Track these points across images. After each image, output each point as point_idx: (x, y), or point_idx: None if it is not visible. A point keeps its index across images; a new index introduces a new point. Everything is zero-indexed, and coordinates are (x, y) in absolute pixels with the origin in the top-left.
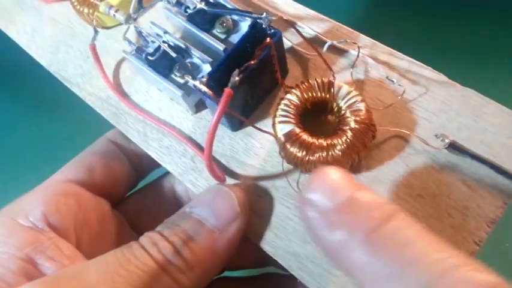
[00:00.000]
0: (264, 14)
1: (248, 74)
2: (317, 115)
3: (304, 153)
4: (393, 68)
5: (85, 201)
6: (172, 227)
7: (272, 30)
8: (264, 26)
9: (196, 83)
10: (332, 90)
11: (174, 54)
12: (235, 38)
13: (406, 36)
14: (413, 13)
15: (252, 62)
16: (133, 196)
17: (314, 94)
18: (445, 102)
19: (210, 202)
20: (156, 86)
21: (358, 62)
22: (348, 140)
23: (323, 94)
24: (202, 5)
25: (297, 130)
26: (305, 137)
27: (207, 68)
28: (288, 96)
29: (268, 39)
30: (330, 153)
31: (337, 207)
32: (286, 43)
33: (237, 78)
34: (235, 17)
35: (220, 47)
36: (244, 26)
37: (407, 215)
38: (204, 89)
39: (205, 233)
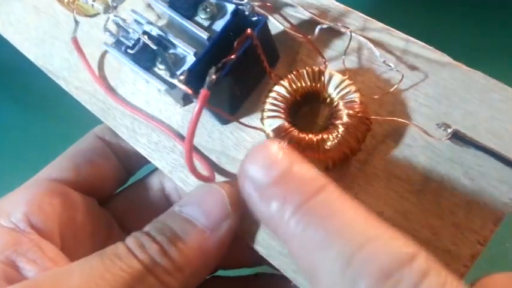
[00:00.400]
0: (246, 0)
1: (229, 69)
2: (309, 106)
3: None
4: (390, 50)
5: (70, 200)
6: (160, 226)
7: (256, 17)
8: (246, 13)
9: (175, 81)
10: (323, 78)
11: (154, 47)
12: (220, 24)
13: (413, 30)
14: (421, 6)
15: (232, 57)
16: (122, 193)
17: (304, 84)
18: (448, 87)
19: (200, 200)
20: (143, 77)
21: (353, 44)
22: (339, 135)
23: (313, 84)
24: None
25: (286, 125)
26: (295, 132)
27: (191, 59)
28: (276, 88)
29: (248, 30)
30: (321, 150)
31: (273, 180)
32: (278, 27)
33: (213, 77)
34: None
35: (204, 35)
36: (231, 8)
37: (338, 187)
38: (183, 87)
39: (194, 232)
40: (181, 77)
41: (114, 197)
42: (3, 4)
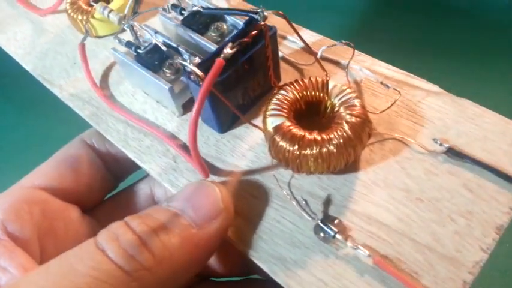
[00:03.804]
0: (260, 8)
1: (239, 65)
2: (311, 117)
3: (295, 147)
4: (388, 79)
5: (52, 208)
6: (142, 217)
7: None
8: (259, 22)
9: (187, 63)
10: (325, 88)
11: (164, 48)
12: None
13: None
14: (412, 16)
15: (245, 39)
16: (109, 201)
17: (308, 93)
18: (441, 111)
19: (190, 196)
20: (143, 89)
21: (352, 71)
22: (344, 133)
23: (317, 93)
24: (198, 8)
25: (288, 123)
26: (296, 130)
27: None
28: (282, 91)
29: (262, 22)
30: (325, 148)
31: None
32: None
33: (230, 51)
34: (230, 22)
35: (214, 47)
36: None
37: None
38: (195, 69)
39: (180, 226)
40: (195, 61)
41: (101, 204)
42: (12, 24)
